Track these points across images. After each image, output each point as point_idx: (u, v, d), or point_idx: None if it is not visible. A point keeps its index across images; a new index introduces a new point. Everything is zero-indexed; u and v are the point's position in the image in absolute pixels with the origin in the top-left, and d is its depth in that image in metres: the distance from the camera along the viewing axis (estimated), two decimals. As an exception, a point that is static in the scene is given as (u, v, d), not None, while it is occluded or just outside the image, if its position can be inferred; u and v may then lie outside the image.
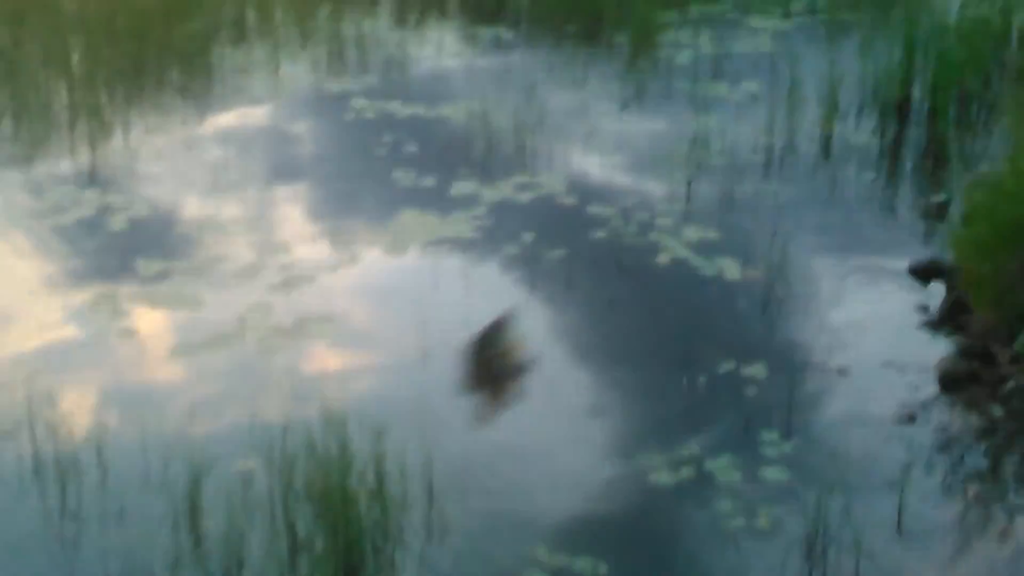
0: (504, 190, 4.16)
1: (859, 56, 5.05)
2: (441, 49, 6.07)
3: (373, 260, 3.70)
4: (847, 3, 5.95)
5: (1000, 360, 2.95)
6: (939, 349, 3.06)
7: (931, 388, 2.86)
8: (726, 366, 2.92)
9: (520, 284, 3.51)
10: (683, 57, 5.66)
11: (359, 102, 5.13)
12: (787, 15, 6.02)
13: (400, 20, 6.61)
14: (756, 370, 2.90)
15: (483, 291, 3.48)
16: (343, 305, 3.33)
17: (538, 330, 3.22)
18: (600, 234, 3.80)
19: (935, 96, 4.73)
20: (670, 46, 5.77)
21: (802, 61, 5.05)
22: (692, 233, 3.78)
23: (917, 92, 4.84)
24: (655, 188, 4.20)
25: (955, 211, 3.88)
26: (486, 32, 6.29)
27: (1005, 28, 5.24)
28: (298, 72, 5.68)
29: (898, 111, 4.80)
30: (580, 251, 3.69)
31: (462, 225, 3.87)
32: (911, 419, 2.71)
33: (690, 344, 3.10)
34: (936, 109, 4.71)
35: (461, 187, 4.18)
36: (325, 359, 3.09)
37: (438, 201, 4.06)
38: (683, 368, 2.92)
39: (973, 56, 4.79)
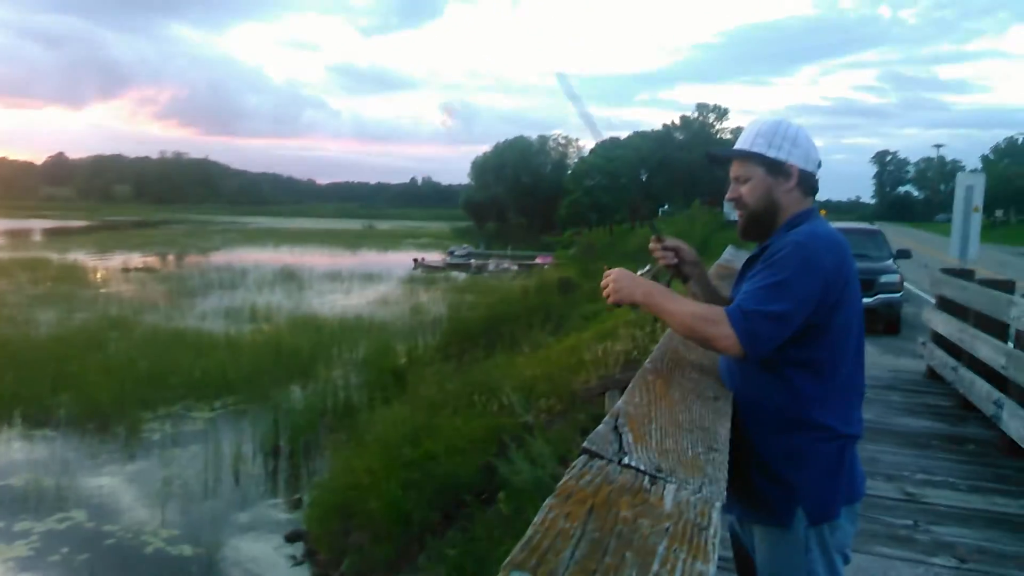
0: (49, 523, 6.78)
1: (253, 423, 9.25)
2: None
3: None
4: (250, 397, 10.21)
5: None
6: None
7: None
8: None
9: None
10: (156, 435, 9.38)
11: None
12: (212, 409, 10.11)
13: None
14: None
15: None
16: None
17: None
18: (111, 541, 6.69)
19: (292, 443, 8.86)
20: (149, 429, 9.42)
21: (220, 432, 9.14)
22: (165, 532, 6.99)
23: (283, 441, 8.92)
24: (141, 508, 7.40)
25: (307, 502, 7.72)
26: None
27: (325, 406, 9.87)
28: None
29: (274, 452, 8.77)
30: (100, 554, 6.59)
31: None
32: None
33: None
34: (293, 450, 8.79)
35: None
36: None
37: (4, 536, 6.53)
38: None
39: (310, 421, 9.13)
